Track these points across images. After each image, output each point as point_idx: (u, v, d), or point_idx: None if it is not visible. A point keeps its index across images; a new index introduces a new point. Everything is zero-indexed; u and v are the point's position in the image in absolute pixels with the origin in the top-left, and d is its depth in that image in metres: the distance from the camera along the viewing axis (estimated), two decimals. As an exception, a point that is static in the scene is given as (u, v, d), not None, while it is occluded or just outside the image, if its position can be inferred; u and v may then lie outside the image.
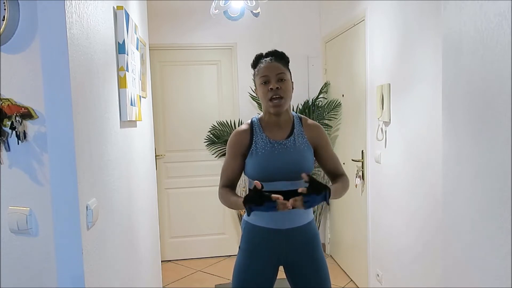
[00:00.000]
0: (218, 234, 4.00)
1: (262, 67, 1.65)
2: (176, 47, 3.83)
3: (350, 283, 3.34)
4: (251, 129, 1.70)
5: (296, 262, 1.68)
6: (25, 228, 1.23)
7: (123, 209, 1.82)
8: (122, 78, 1.83)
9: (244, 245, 1.71)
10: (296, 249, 1.67)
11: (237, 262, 1.71)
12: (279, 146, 1.65)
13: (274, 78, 1.61)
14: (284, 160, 1.62)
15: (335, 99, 3.59)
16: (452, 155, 1.32)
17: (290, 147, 1.65)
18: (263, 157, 1.63)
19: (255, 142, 1.66)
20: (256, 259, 1.67)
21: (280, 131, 1.68)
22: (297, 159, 1.63)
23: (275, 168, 1.61)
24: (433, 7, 2.03)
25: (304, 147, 1.66)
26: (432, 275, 2.14)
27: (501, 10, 1.07)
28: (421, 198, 2.23)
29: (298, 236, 1.67)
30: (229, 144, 1.71)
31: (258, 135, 1.67)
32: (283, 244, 1.66)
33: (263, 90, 1.63)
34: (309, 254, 1.69)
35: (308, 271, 1.68)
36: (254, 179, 1.64)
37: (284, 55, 1.71)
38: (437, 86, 1.97)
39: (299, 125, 1.71)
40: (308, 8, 3.94)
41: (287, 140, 1.66)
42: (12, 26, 1.19)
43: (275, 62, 1.65)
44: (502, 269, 1.10)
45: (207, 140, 3.81)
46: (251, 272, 1.67)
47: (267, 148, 1.64)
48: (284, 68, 1.65)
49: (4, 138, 1.22)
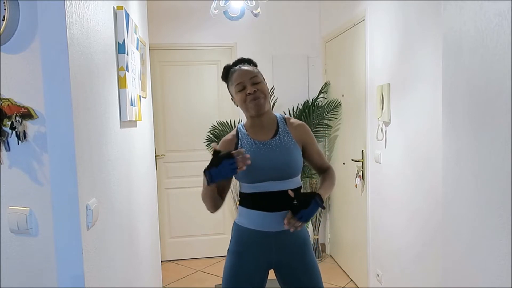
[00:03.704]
0: (218, 234, 4.00)
1: (235, 75, 1.65)
2: (176, 47, 3.83)
3: (350, 283, 3.34)
4: (237, 135, 1.70)
5: (286, 265, 1.67)
6: (25, 228, 1.23)
7: (123, 209, 1.82)
8: (122, 78, 1.83)
9: (233, 247, 1.69)
10: (286, 252, 1.66)
11: (227, 264, 1.69)
12: (264, 146, 1.64)
13: (249, 82, 1.62)
14: (271, 160, 1.61)
15: (335, 99, 3.59)
16: (452, 155, 1.32)
17: (276, 146, 1.64)
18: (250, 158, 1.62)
19: (240, 146, 1.66)
20: (246, 261, 1.65)
21: (264, 133, 1.68)
22: (283, 158, 1.63)
23: (262, 169, 1.60)
24: (433, 7, 2.03)
25: (290, 145, 1.66)
26: (432, 275, 2.14)
27: (501, 10, 1.07)
28: (421, 198, 2.23)
29: (288, 239, 1.65)
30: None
31: (243, 139, 1.68)
32: (272, 247, 1.65)
33: (241, 97, 1.63)
34: (300, 257, 1.67)
35: (298, 274, 1.67)
36: (243, 181, 1.66)
37: (251, 60, 1.73)
38: (437, 86, 1.97)
39: (284, 124, 1.71)
40: (308, 8, 3.93)
41: (272, 140, 1.66)
42: (12, 26, 1.19)
43: (245, 67, 1.66)
44: (502, 269, 1.10)
45: (207, 140, 3.80)
46: (242, 275, 1.65)
47: (252, 149, 1.64)
48: (256, 71, 1.66)
49: (4, 138, 1.22)
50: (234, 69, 1.68)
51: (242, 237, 1.67)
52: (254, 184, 1.62)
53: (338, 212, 3.71)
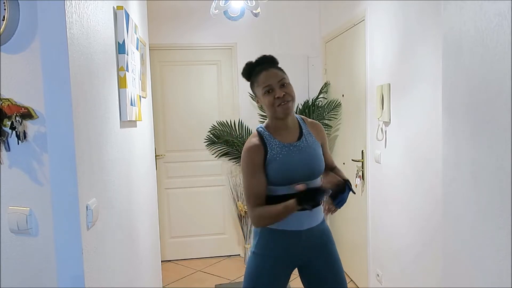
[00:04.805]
0: (218, 234, 4.00)
1: (262, 77, 1.63)
2: (176, 47, 3.83)
3: (350, 283, 3.34)
4: (261, 139, 1.65)
5: (312, 263, 1.70)
6: (25, 228, 1.23)
7: (123, 209, 1.82)
8: (122, 78, 1.83)
9: (259, 250, 1.67)
10: (314, 250, 1.70)
11: (251, 265, 1.67)
12: (294, 148, 1.65)
13: (277, 85, 1.61)
14: (302, 160, 1.64)
15: (335, 99, 3.59)
16: (452, 155, 1.32)
17: (304, 147, 1.67)
18: (283, 161, 1.62)
19: (270, 150, 1.63)
20: (271, 263, 1.65)
21: (290, 134, 1.69)
22: (312, 158, 1.67)
23: (295, 170, 1.62)
24: (433, 7, 2.03)
25: (315, 145, 1.71)
26: (432, 275, 2.14)
27: (501, 10, 1.07)
28: (421, 198, 2.23)
29: (315, 235, 1.69)
30: (245, 161, 1.64)
31: (270, 143, 1.64)
32: (301, 246, 1.67)
33: (269, 99, 1.61)
34: (325, 256, 1.72)
35: (324, 272, 1.69)
36: (275, 185, 1.62)
37: (274, 59, 1.71)
38: (437, 86, 1.97)
39: (304, 125, 1.75)
40: (308, 8, 3.93)
41: (299, 141, 1.68)
42: (12, 26, 1.19)
43: (272, 69, 1.64)
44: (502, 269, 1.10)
45: (207, 140, 3.80)
46: (266, 276, 1.65)
47: (283, 153, 1.63)
48: (282, 73, 1.66)
49: (4, 138, 1.22)
50: (259, 69, 1.65)
51: (270, 239, 1.66)
52: (286, 187, 1.61)
53: (338, 212, 3.69)
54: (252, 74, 1.68)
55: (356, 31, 3.07)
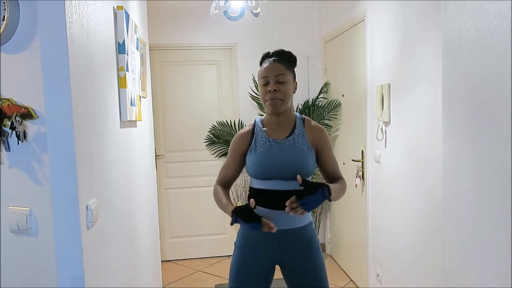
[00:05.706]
0: (218, 234, 4.00)
1: (264, 68, 1.65)
2: (176, 47, 3.83)
3: (350, 283, 3.34)
4: (253, 129, 1.72)
5: (290, 264, 1.68)
6: (25, 228, 1.23)
7: (123, 209, 1.82)
8: (122, 78, 1.83)
9: (240, 241, 1.73)
10: (289, 251, 1.66)
11: (234, 258, 1.73)
12: (277, 145, 1.65)
13: (273, 79, 1.61)
14: (282, 159, 1.62)
15: (335, 99, 3.59)
16: (452, 155, 1.32)
17: (289, 146, 1.64)
18: (261, 154, 1.64)
19: (255, 141, 1.68)
20: (251, 256, 1.68)
21: (280, 131, 1.69)
22: (295, 159, 1.62)
23: (273, 166, 1.61)
24: (433, 7, 2.03)
25: (303, 147, 1.64)
26: (432, 275, 2.14)
27: (501, 10, 1.07)
28: (421, 198, 2.23)
29: (291, 238, 1.65)
30: (231, 144, 1.77)
31: (258, 134, 1.69)
32: (275, 245, 1.66)
33: (263, 91, 1.65)
34: (303, 258, 1.66)
35: (301, 274, 1.66)
36: (253, 176, 1.67)
37: (289, 55, 1.69)
38: (437, 86, 1.97)
39: (301, 126, 1.70)
40: (308, 8, 3.94)
41: (286, 139, 1.66)
42: (12, 26, 1.19)
43: (276, 63, 1.63)
44: (502, 269, 1.10)
45: (207, 140, 3.80)
46: (248, 268, 1.67)
47: (265, 146, 1.65)
48: (286, 70, 1.63)
49: (4, 138, 1.22)
50: (268, 60, 1.67)
51: (248, 231, 1.69)
52: (263, 181, 1.64)
53: (338, 212, 3.71)
54: (261, 64, 1.71)
55: (356, 31, 3.07)
